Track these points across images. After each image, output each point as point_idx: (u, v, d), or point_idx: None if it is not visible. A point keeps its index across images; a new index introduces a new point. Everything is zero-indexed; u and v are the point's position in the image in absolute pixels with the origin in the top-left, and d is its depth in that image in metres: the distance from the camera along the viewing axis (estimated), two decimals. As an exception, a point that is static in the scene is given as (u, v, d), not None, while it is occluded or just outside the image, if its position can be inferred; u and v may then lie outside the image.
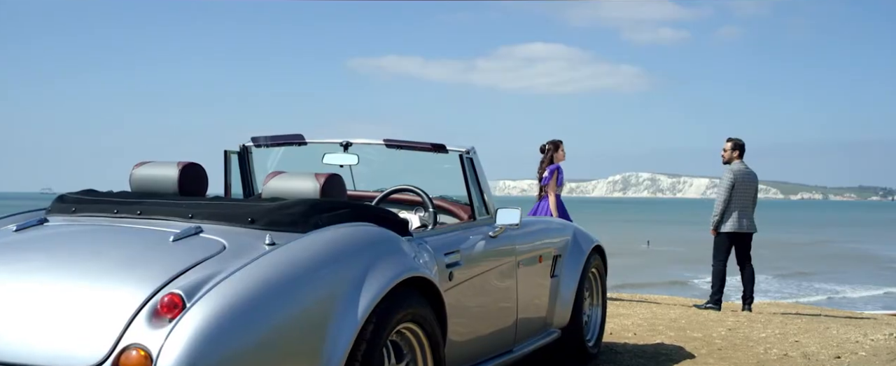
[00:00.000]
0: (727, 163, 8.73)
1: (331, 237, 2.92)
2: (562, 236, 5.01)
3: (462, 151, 4.11)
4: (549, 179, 8.75)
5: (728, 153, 8.73)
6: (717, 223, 8.57)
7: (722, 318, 7.59)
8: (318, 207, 3.08)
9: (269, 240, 2.79)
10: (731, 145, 8.74)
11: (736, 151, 8.71)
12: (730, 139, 8.79)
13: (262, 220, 2.97)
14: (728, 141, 8.79)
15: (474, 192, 4.13)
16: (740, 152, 8.71)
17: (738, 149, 8.71)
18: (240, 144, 4.61)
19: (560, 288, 4.85)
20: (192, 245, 2.76)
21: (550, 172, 8.78)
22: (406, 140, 4.23)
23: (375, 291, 2.82)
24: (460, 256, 3.68)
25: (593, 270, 5.33)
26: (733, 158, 8.69)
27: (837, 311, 10.38)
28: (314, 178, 3.30)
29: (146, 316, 2.39)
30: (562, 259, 4.93)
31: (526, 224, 4.66)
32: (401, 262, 3.06)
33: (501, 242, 4.15)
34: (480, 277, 3.87)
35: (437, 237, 3.62)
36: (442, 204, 4.40)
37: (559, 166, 8.87)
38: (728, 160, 8.73)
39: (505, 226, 4.13)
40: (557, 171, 8.81)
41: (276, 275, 2.61)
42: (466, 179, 4.07)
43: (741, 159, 8.70)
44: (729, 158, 8.72)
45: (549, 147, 8.95)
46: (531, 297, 4.51)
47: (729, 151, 8.72)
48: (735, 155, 8.70)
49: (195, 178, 3.54)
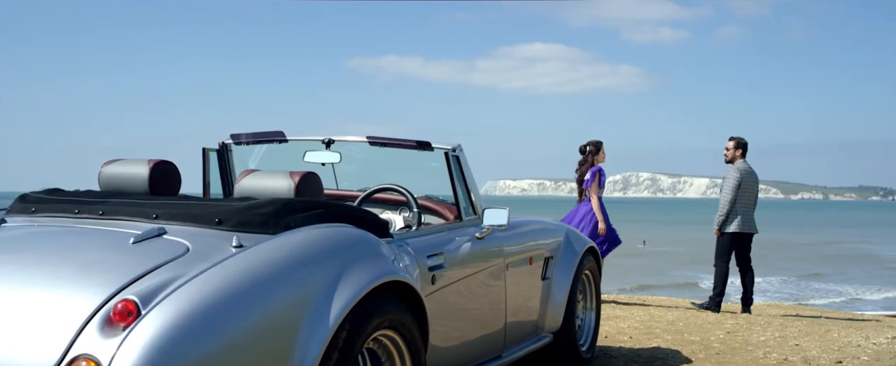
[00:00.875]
0: (730, 162, 8.57)
1: (302, 239, 2.76)
2: (554, 238, 4.85)
3: (447, 149, 3.95)
4: (592, 182, 8.57)
5: (731, 152, 8.57)
6: (722, 223, 8.40)
7: (721, 320, 7.43)
8: (291, 207, 2.91)
9: (236, 242, 2.63)
10: (734, 144, 8.58)
11: (739, 150, 8.55)
12: (732, 138, 8.63)
13: (230, 220, 2.81)
14: (730, 140, 8.63)
15: (461, 191, 3.97)
16: (743, 151, 8.56)
17: (741, 147, 8.56)
18: (219, 142, 4.44)
19: (552, 291, 4.69)
20: (153, 247, 2.60)
21: (592, 173, 8.60)
22: (390, 137, 4.07)
23: (349, 296, 2.66)
24: (444, 258, 3.52)
25: (587, 273, 5.17)
26: (737, 156, 8.54)
27: (838, 313, 10.23)
28: (288, 176, 3.14)
29: (98, 324, 2.23)
30: (554, 261, 4.76)
31: (516, 225, 4.50)
32: (378, 265, 2.90)
33: (489, 243, 3.99)
34: (466, 280, 3.70)
35: (419, 239, 3.46)
36: (427, 204, 4.24)
37: (601, 168, 8.70)
38: (731, 159, 8.57)
39: (492, 227, 3.96)
40: (599, 172, 8.63)
41: (241, 279, 2.45)
42: (452, 178, 3.91)
43: (744, 158, 8.55)
44: (732, 156, 8.56)
45: (591, 148, 8.76)
46: (521, 300, 4.34)
47: (732, 150, 8.56)
48: (738, 154, 8.54)
49: (167, 176, 3.38)
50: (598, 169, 8.65)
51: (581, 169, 8.78)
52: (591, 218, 8.54)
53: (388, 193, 4.16)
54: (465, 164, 4.03)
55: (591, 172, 8.61)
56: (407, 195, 3.86)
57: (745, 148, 8.57)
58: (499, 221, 3.91)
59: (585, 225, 8.53)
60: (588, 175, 8.62)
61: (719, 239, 8.50)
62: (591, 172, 8.60)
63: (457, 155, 3.98)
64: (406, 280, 2.98)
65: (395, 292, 2.97)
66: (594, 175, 8.58)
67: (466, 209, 3.99)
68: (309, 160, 4.29)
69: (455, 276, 3.59)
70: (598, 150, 8.77)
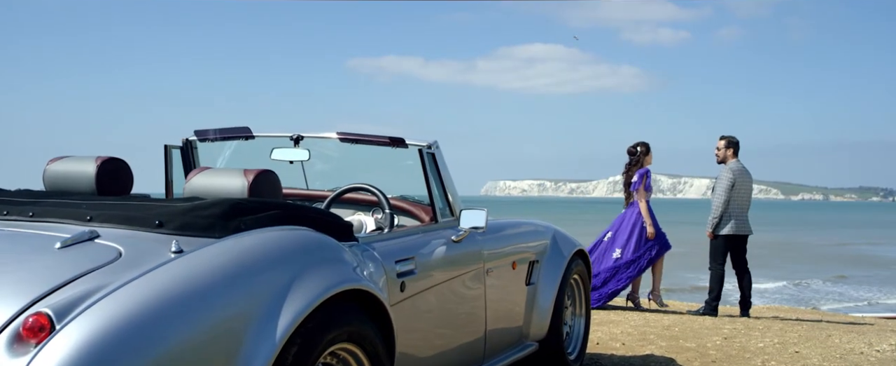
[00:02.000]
0: (722, 162, 8.32)
1: (249, 243, 2.50)
2: (539, 240, 4.58)
3: (422, 146, 3.69)
4: (639, 184, 8.35)
5: (722, 151, 8.32)
6: (715, 226, 8.14)
7: (718, 325, 7.16)
8: (241, 208, 2.65)
9: (175, 247, 2.37)
10: (724, 143, 8.33)
11: (730, 149, 8.30)
12: (723, 137, 8.38)
13: (171, 223, 2.55)
14: (721, 139, 8.38)
15: (436, 191, 3.71)
16: (735, 150, 8.31)
17: (732, 147, 8.31)
18: (183, 139, 4.18)
19: (537, 297, 4.43)
20: (80, 253, 2.34)
21: (640, 176, 8.38)
22: (361, 133, 3.81)
23: (301, 306, 2.40)
24: (415, 263, 3.25)
25: (575, 277, 4.90)
26: (728, 156, 8.28)
27: (839, 316, 9.96)
28: (242, 175, 2.88)
29: (6, 341, 1.98)
30: (539, 265, 4.50)
31: (498, 227, 4.24)
32: (336, 272, 2.64)
33: (466, 246, 3.73)
34: (440, 286, 3.44)
35: (387, 243, 3.20)
36: (401, 205, 3.98)
37: (648, 170, 8.48)
38: (723, 159, 8.32)
39: (469, 229, 3.70)
40: (646, 174, 8.41)
41: (176, 289, 2.19)
42: (427, 177, 3.65)
43: (737, 157, 8.29)
44: (723, 156, 8.31)
45: (641, 149, 8.54)
46: (503, 307, 4.08)
47: (723, 150, 8.32)
48: (729, 153, 8.29)
49: (116, 175, 3.12)
50: (646, 171, 8.43)
51: (628, 171, 8.56)
52: (640, 222, 8.31)
53: (359, 193, 3.89)
54: (441, 162, 3.77)
55: (638, 173, 8.40)
56: (379, 195, 3.60)
57: (737, 147, 8.33)
58: (476, 222, 3.65)
59: (634, 229, 8.30)
60: (635, 177, 8.40)
61: (713, 242, 8.24)
62: (638, 174, 8.39)
63: (432, 152, 3.72)
64: (368, 288, 2.72)
65: (356, 301, 2.72)
66: (642, 177, 8.37)
67: (443, 210, 3.73)
68: (276, 158, 4.04)
69: (428, 282, 3.33)
70: (647, 151, 8.55)
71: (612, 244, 8.42)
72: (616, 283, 8.27)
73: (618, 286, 8.30)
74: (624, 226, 8.41)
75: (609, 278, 8.27)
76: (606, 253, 8.42)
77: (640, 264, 8.32)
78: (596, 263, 8.35)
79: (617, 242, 8.39)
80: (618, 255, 8.32)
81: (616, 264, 8.28)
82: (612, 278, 8.27)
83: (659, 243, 8.36)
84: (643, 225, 8.30)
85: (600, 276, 8.28)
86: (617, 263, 8.28)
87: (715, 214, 8.10)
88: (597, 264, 8.35)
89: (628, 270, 8.28)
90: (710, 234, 8.18)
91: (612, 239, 8.46)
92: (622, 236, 8.38)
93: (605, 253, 8.43)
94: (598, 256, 8.44)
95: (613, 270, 8.27)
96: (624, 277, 8.29)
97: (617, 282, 8.28)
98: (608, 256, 8.38)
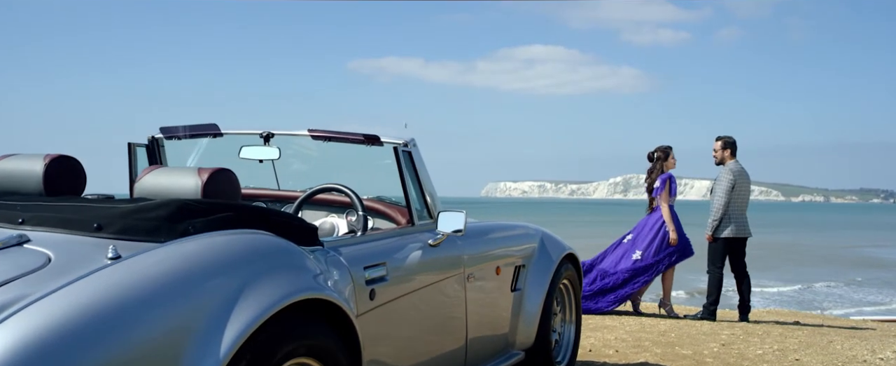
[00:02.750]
0: (720, 163, 8.11)
1: (195, 248, 2.28)
2: (525, 244, 4.36)
3: (397, 144, 3.47)
4: (662, 190, 8.15)
5: (719, 153, 8.12)
6: (715, 228, 7.92)
7: (716, 331, 6.94)
8: (190, 209, 2.43)
9: (111, 252, 2.15)
10: (721, 144, 8.13)
11: (727, 150, 8.10)
12: (719, 138, 8.18)
13: (111, 226, 2.33)
14: (717, 140, 8.18)
15: (413, 191, 3.49)
16: (732, 151, 8.10)
17: (729, 147, 8.10)
18: (148, 136, 3.96)
19: (524, 303, 4.21)
20: (3, 260, 2.12)
21: (662, 181, 8.18)
22: (334, 131, 3.59)
23: (250, 318, 2.18)
24: (387, 269, 3.03)
25: (565, 282, 4.68)
26: (726, 157, 8.08)
27: (840, 320, 9.74)
28: (196, 173, 2.66)
29: None
30: (526, 270, 4.28)
31: (481, 230, 4.02)
32: (293, 279, 2.41)
33: (444, 251, 3.50)
34: (414, 294, 3.21)
35: (356, 247, 2.97)
36: (376, 206, 3.75)
37: (671, 175, 8.28)
38: (721, 160, 8.10)
39: (447, 233, 3.47)
40: (670, 179, 8.22)
41: (107, 299, 1.97)
42: (403, 177, 3.42)
43: (735, 158, 8.08)
44: (721, 157, 8.11)
45: (659, 155, 8.34)
46: (486, 314, 3.86)
47: (720, 151, 8.11)
48: (727, 154, 8.09)
49: (67, 174, 2.90)
50: (668, 176, 8.24)
51: (650, 176, 8.38)
52: (662, 227, 8.11)
53: (331, 194, 3.67)
54: (418, 161, 3.55)
55: (660, 179, 8.20)
56: (351, 196, 3.38)
57: (734, 147, 8.12)
58: (454, 226, 3.43)
59: (657, 234, 8.11)
60: (657, 182, 8.21)
61: (712, 244, 8.02)
62: (660, 180, 8.20)
63: (408, 150, 3.50)
64: (329, 298, 2.50)
65: (318, 311, 2.50)
66: (664, 182, 8.17)
67: (420, 212, 3.51)
68: (245, 157, 3.82)
69: (401, 289, 3.11)
70: (667, 155, 8.35)
71: (633, 246, 8.23)
72: (633, 285, 8.08)
73: (634, 289, 8.11)
74: (646, 230, 8.23)
75: (627, 280, 8.07)
76: (626, 255, 8.23)
77: (658, 269, 8.11)
78: (614, 265, 8.20)
79: (638, 245, 8.20)
80: (638, 257, 8.14)
81: (635, 267, 8.09)
82: (629, 280, 8.07)
83: (680, 249, 8.15)
84: (665, 230, 8.11)
85: (617, 276, 8.09)
86: (635, 265, 8.10)
87: (715, 217, 7.88)
88: (614, 266, 8.18)
89: (646, 273, 8.08)
90: (710, 237, 7.96)
91: (633, 241, 8.27)
92: (644, 240, 8.19)
93: (625, 255, 8.23)
94: (616, 258, 8.26)
95: (631, 271, 8.08)
96: (641, 280, 8.10)
97: (634, 285, 8.08)
98: (627, 258, 8.19)
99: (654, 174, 8.33)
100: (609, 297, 8.03)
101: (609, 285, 8.07)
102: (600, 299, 8.05)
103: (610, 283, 8.06)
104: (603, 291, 8.07)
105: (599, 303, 8.02)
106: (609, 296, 8.03)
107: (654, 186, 8.26)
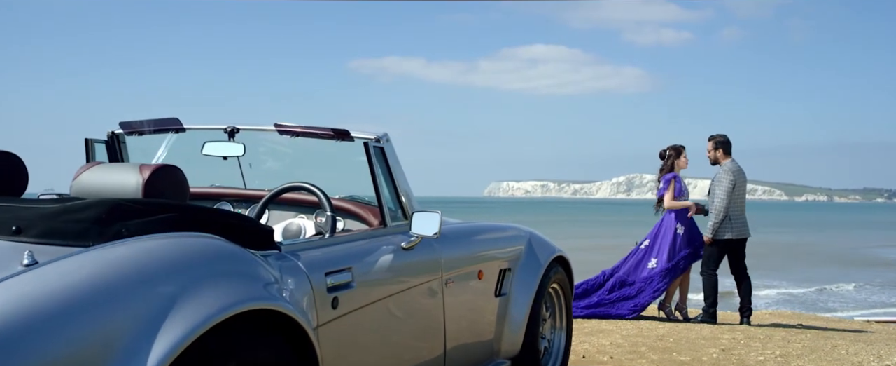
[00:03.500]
0: (715, 163, 7.85)
1: (125, 253, 2.03)
2: (510, 246, 4.11)
3: (369, 139, 3.22)
4: (665, 190, 7.86)
5: (712, 153, 7.86)
6: (716, 230, 7.65)
7: (716, 335, 6.69)
8: (124, 210, 2.19)
9: (27, 258, 1.90)
10: (713, 144, 7.89)
11: (720, 150, 7.86)
12: (711, 137, 7.93)
13: (33, 228, 2.09)
14: (710, 140, 7.93)
15: (386, 190, 3.24)
16: (725, 150, 7.86)
17: (722, 147, 7.86)
18: (108, 132, 3.72)
19: (509, 309, 3.96)
20: None
21: (666, 182, 7.89)
22: (301, 125, 3.34)
23: (184, 331, 1.93)
24: (353, 275, 2.78)
25: (555, 286, 4.43)
26: (719, 157, 7.82)
27: (844, 323, 9.47)
28: (137, 171, 2.42)
29: None
30: (512, 273, 4.03)
31: (464, 231, 3.78)
32: (239, 288, 2.17)
33: (420, 254, 3.25)
34: (385, 301, 2.96)
35: (318, 251, 2.73)
36: (347, 206, 3.50)
37: (677, 175, 7.96)
38: (715, 160, 7.85)
39: (421, 235, 3.22)
40: (674, 180, 7.90)
41: (15, 312, 1.73)
42: (374, 175, 3.17)
43: (730, 156, 7.82)
44: (715, 157, 7.85)
45: (671, 153, 8.03)
46: (467, 321, 3.61)
47: (712, 151, 7.86)
48: (720, 154, 7.83)
49: (6, 173, 2.66)
50: (673, 176, 7.92)
51: (660, 176, 8.08)
52: (675, 229, 7.83)
53: (299, 193, 3.43)
54: (392, 157, 3.30)
55: (664, 179, 7.91)
56: (319, 195, 3.13)
57: (728, 146, 7.88)
58: (428, 228, 3.17)
59: (673, 238, 7.83)
60: (661, 183, 7.92)
61: (708, 246, 7.75)
62: (664, 180, 7.90)
63: (380, 146, 3.25)
64: (280, 308, 2.25)
65: (270, 323, 2.26)
66: (668, 183, 7.87)
67: (394, 213, 3.26)
68: (208, 153, 3.58)
69: (369, 297, 2.85)
70: (679, 154, 8.04)
71: (649, 253, 7.95)
72: (652, 293, 7.78)
73: (654, 297, 7.82)
74: (660, 236, 7.94)
75: (644, 288, 7.78)
76: (643, 262, 7.95)
77: (675, 272, 7.81)
78: (631, 273, 7.93)
79: (653, 252, 7.92)
80: (653, 264, 7.86)
81: (650, 274, 7.81)
82: (647, 287, 7.77)
83: (694, 248, 7.87)
84: (679, 233, 7.81)
85: (635, 285, 7.81)
86: (651, 272, 7.82)
87: (717, 219, 7.62)
88: (632, 274, 7.91)
89: (665, 278, 7.78)
90: (710, 239, 7.70)
91: (649, 248, 7.98)
92: (659, 246, 7.91)
93: (641, 262, 7.95)
94: (633, 265, 7.97)
95: (648, 279, 7.79)
96: (661, 286, 7.78)
97: (652, 292, 7.78)
98: (644, 266, 7.91)
99: (662, 173, 8.06)
100: (628, 304, 7.75)
101: (628, 294, 7.79)
102: (621, 305, 7.77)
103: (629, 292, 7.79)
104: (623, 298, 7.80)
105: (620, 309, 7.73)
106: (628, 303, 7.76)
107: (660, 186, 7.99)
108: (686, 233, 7.87)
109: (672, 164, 8.02)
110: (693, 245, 7.86)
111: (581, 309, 7.71)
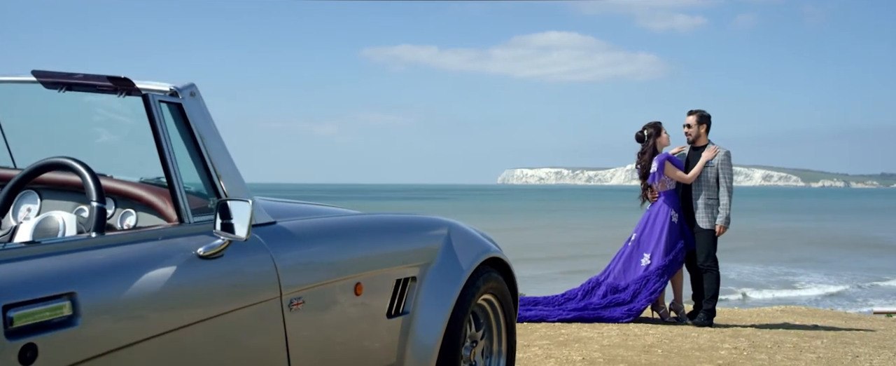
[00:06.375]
0: (693, 142, 6.91)
1: None
2: (416, 245, 3.03)
3: (157, 91, 2.15)
4: (661, 174, 6.75)
5: (694, 129, 6.90)
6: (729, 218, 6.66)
7: (715, 344, 5.60)
8: None
9: None
10: (697, 118, 6.90)
11: (703, 125, 6.89)
12: (692, 112, 6.94)
13: None
14: (691, 114, 6.92)
15: (184, 168, 2.17)
16: (708, 126, 6.90)
17: (705, 122, 6.90)
18: None
19: (413, 332, 2.89)
20: None
21: (660, 163, 6.74)
22: (69, 73, 2.24)
23: None
24: (78, 306, 1.71)
25: (487, 297, 3.34)
26: (701, 134, 6.88)
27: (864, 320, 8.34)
28: None
29: None
30: (417, 284, 2.95)
31: (329, 228, 2.71)
32: None
33: (232, 264, 2.16)
34: (148, 344, 1.89)
35: (19, 265, 1.66)
36: (139, 193, 2.41)
37: (668, 154, 6.83)
38: (695, 138, 6.89)
39: (229, 238, 2.11)
40: (667, 160, 6.77)
41: None
42: (160, 145, 2.10)
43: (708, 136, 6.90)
44: (696, 134, 6.87)
45: (651, 132, 6.93)
46: (332, 355, 2.54)
47: (695, 126, 6.90)
48: (703, 130, 6.87)
49: None
50: (665, 157, 6.78)
51: (642, 159, 6.95)
52: (667, 221, 6.72)
53: (64, 172, 2.36)
54: (198, 119, 2.22)
55: (657, 161, 6.76)
56: (85, 175, 2.07)
57: (710, 123, 6.87)
58: (237, 228, 2.07)
59: (662, 230, 6.72)
60: (654, 167, 6.78)
61: (712, 237, 6.68)
62: (657, 162, 6.76)
63: (177, 102, 2.17)
64: None
65: None
66: (661, 164, 6.74)
67: (197, 203, 2.19)
68: None
69: (112, 339, 1.78)
70: (660, 132, 6.94)
71: (638, 249, 6.81)
72: (648, 296, 6.63)
73: (651, 299, 6.67)
74: (649, 227, 6.80)
75: (639, 291, 6.63)
76: (633, 260, 6.80)
77: (672, 269, 6.68)
78: (623, 273, 6.80)
79: (643, 247, 6.77)
80: (646, 261, 6.71)
81: (646, 274, 6.67)
82: (642, 289, 6.63)
83: (688, 238, 6.76)
84: (671, 223, 6.70)
85: (629, 288, 6.67)
86: (646, 271, 6.68)
87: (728, 208, 6.64)
88: (624, 275, 6.78)
89: (663, 277, 6.65)
90: (723, 229, 6.64)
91: (637, 243, 6.83)
92: (649, 239, 6.76)
93: (632, 260, 6.80)
94: (624, 265, 6.83)
95: (643, 280, 6.65)
96: (658, 286, 6.64)
97: (649, 294, 6.63)
98: (636, 264, 6.76)
99: (646, 156, 6.93)
100: (622, 309, 6.63)
101: (623, 299, 6.67)
102: (614, 309, 6.64)
103: (623, 298, 6.66)
104: (616, 304, 6.68)
105: (613, 313, 6.61)
106: (622, 308, 6.63)
107: (651, 171, 6.85)
108: (681, 221, 6.77)
109: (654, 144, 6.93)
110: (687, 235, 6.77)
111: (568, 311, 6.63)
